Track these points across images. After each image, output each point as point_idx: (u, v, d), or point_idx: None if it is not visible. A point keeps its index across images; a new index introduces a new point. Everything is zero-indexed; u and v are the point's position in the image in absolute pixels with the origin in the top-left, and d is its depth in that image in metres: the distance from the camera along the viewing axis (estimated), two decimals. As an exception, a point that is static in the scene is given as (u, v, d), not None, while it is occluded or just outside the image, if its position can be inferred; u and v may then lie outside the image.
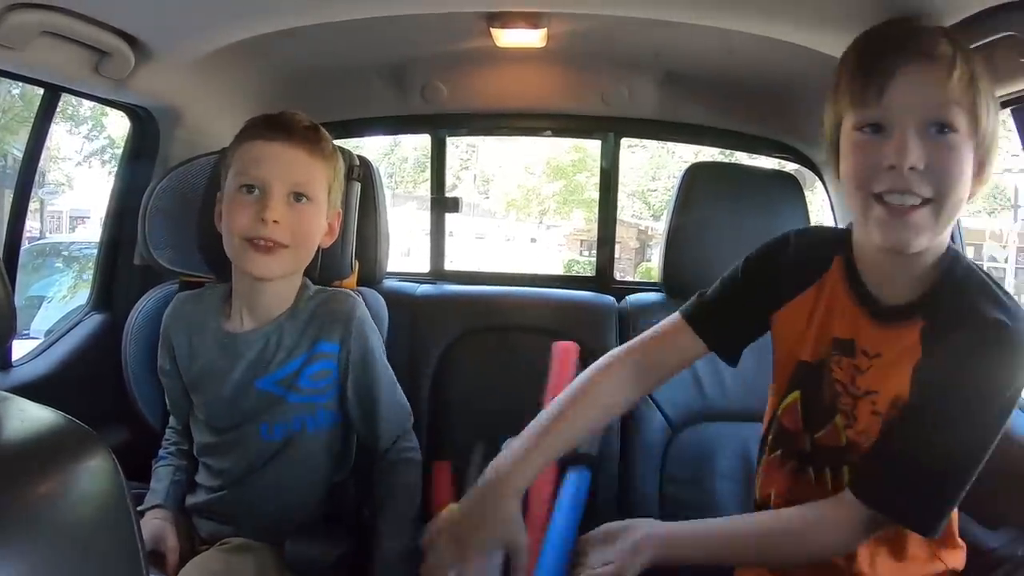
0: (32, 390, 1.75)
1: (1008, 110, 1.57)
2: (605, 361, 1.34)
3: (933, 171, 1.06)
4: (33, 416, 0.77)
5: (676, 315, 1.35)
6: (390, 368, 1.63)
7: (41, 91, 1.80)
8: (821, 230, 1.36)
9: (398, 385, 1.64)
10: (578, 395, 1.31)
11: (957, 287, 1.14)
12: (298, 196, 1.48)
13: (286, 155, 1.48)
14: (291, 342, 1.54)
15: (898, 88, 1.07)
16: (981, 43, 1.35)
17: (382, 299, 1.94)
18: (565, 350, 1.66)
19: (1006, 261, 10.21)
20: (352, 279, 1.92)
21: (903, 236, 1.08)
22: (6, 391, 0.82)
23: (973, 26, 1.33)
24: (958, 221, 1.88)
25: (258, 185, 1.46)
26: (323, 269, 1.79)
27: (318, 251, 1.72)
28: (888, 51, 1.09)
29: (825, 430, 1.20)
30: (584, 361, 1.94)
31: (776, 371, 1.31)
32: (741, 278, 1.31)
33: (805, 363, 1.24)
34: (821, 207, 2.64)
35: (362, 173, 1.87)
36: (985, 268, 1.22)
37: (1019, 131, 1.59)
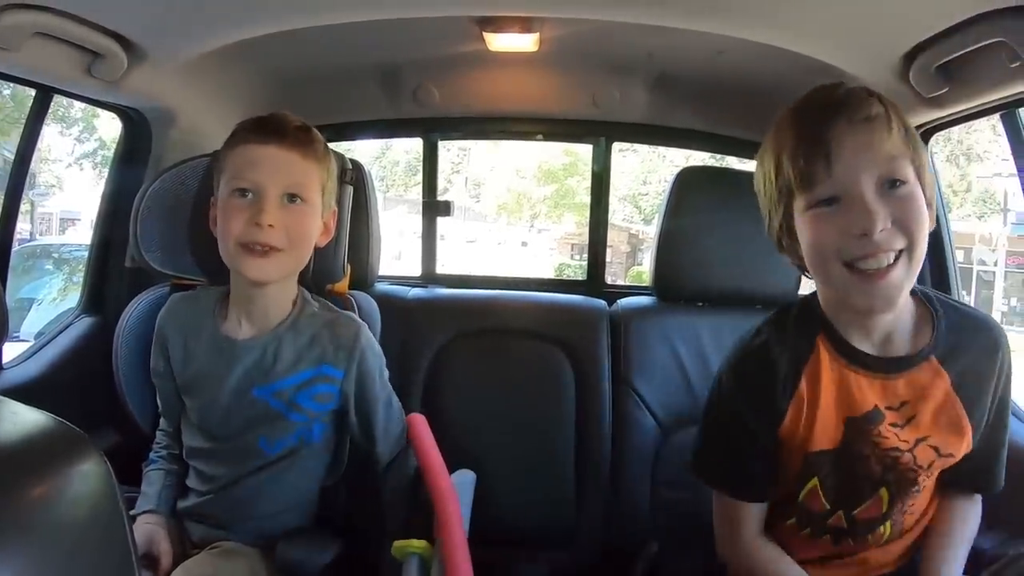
0: (23, 393, 1.74)
1: (997, 115, 1.59)
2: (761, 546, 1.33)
3: (900, 224, 1.09)
4: (25, 419, 0.77)
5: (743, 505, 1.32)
6: (389, 386, 1.62)
7: (32, 92, 1.79)
8: (783, 313, 1.33)
9: (396, 403, 1.63)
10: None
11: (941, 309, 1.23)
12: (292, 198, 1.46)
13: (279, 157, 1.46)
14: (291, 356, 1.52)
15: (845, 157, 1.10)
16: (970, 49, 1.36)
17: (374, 303, 1.94)
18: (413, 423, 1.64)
19: (995, 264, 10.27)
20: (344, 283, 1.92)
21: (885, 297, 1.12)
22: (-3, 393, 0.82)
23: (962, 33, 1.35)
24: (948, 226, 1.90)
25: (252, 189, 1.44)
26: (315, 273, 1.79)
27: (311, 258, 1.72)
28: (823, 126, 1.11)
29: (866, 505, 1.23)
30: (574, 364, 1.96)
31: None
32: (755, 423, 1.27)
33: (819, 452, 1.23)
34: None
35: (354, 176, 1.87)
36: (975, 271, 1.26)
37: (1008, 136, 1.61)
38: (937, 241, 1.85)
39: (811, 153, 1.11)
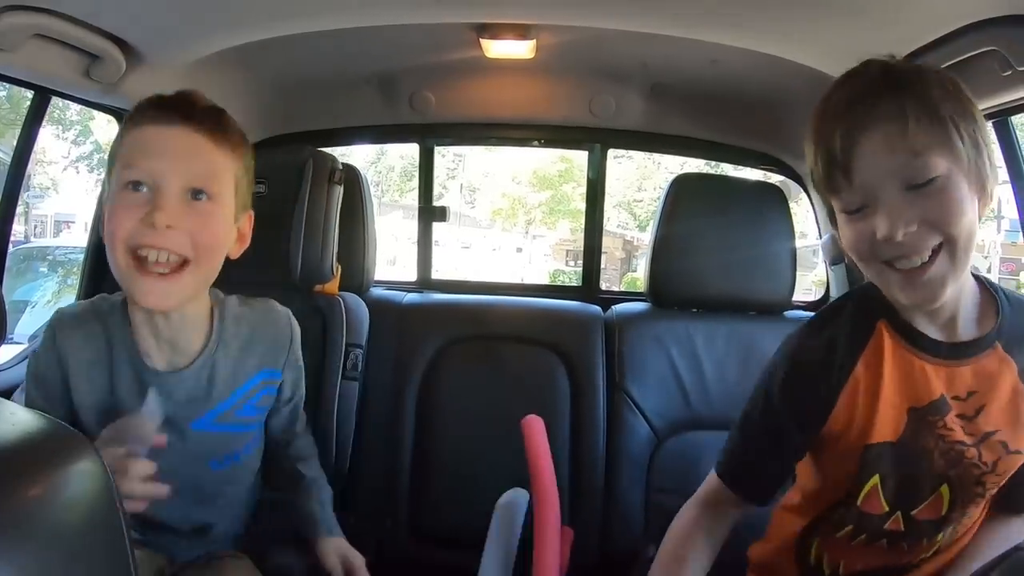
0: (16, 395, 1.74)
1: (990, 123, 1.60)
2: (690, 518, 1.31)
3: (931, 223, 1.03)
4: (22, 419, 0.77)
5: (715, 477, 1.30)
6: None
7: (28, 93, 1.79)
8: (842, 301, 1.26)
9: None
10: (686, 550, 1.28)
11: (1008, 303, 1.16)
12: (198, 194, 1.20)
13: (183, 141, 1.20)
14: (227, 373, 1.34)
15: (862, 163, 1.05)
16: (963, 57, 1.37)
17: (363, 304, 1.95)
18: (530, 424, 1.62)
19: (988, 271, 10.30)
20: (334, 284, 1.93)
21: (927, 294, 1.06)
22: (-7, 395, 0.82)
23: (955, 41, 1.36)
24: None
25: (147, 181, 1.17)
26: (303, 274, 1.80)
27: (296, 254, 1.74)
28: (839, 131, 1.06)
29: (925, 504, 1.16)
30: (569, 370, 1.96)
31: (828, 457, 1.23)
32: (774, 414, 1.23)
33: (882, 444, 1.15)
34: (805, 218, 2.66)
35: (348, 180, 1.88)
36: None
37: (1001, 144, 1.62)
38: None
39: (830, 165, 1.08)
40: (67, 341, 1.30)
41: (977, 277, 1.16)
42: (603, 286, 2.53)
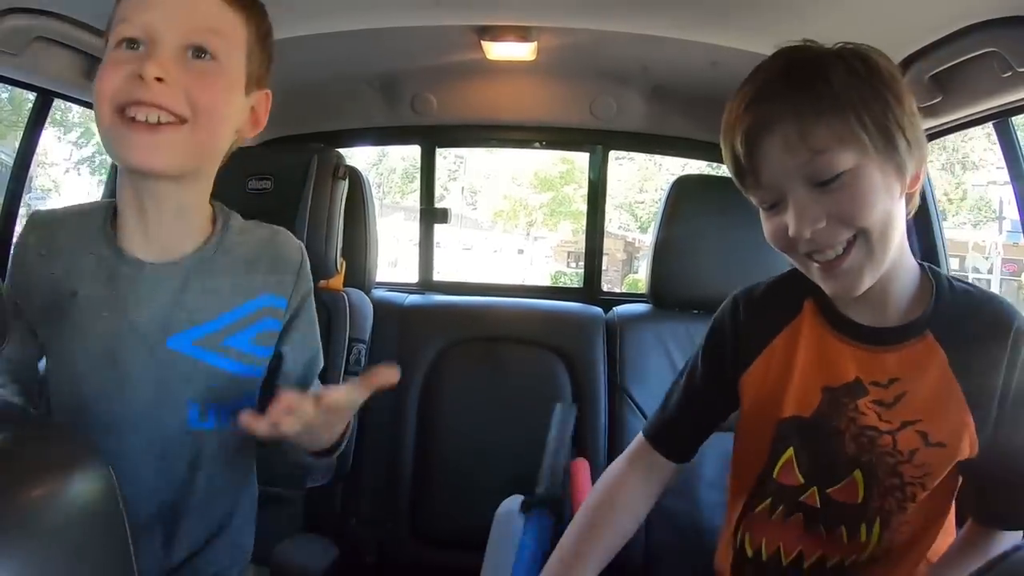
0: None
1: (991, 124, 1.61)
2: (614, 474, 1.33)
3: (839, 217, 1.02)
4: (25, 420, 0.77)
5: (640, 436, 1.33)
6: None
7: (29, 95, 1.80)
8: (771, 282, 1.28)
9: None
10: (604, 510, 1.29)
11: (950, 292, 1.12)
12: (199, 52, 1.03)
13: None
14: (222, 285, 1.13)
15: (765, 167, 1.05)
16: (963, 59, 1.38)
17: (368, 300, 1.96)
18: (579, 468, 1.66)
19: (990, 272, 10.29)
20: (338, 280, 1.93)
21: (846, 284, 1.06)
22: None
23: (955, 43, 1.37)
24: (942, 234, 1.91)
25: (141, 37, 1.01)
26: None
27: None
28: (739, 137, 1.06)
29: (841, 485, 1.13)
30: (571, 371, 1.97)
31: (748, 429, 1.25)
32: (700, 367, 1.28)
33: (795, 419, 1.16)
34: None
35: (350, 181, 1.89)
36: (970, 279, 1.21)
37: (1001, 145, 1.62)
38: (931, 249, 1.86)
39: (737, 166, 1.09)
40: (33, 233, 1.14)
41: (923, 265, 1.15)
42: (604, 287, 2.54)
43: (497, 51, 1.89)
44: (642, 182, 13.03)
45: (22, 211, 1.93)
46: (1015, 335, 1.08)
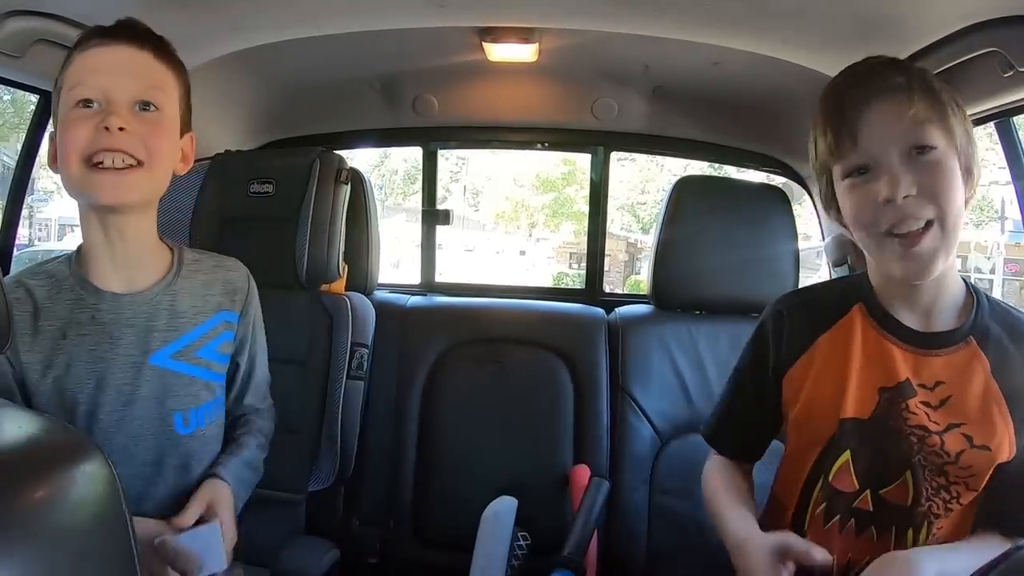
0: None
1: (992, 124, 1.61)
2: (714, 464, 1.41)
3: (927, 192, 1.09)
4: (29, 421, 0.77)
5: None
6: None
7: (31, 97, 1.80)
8: (819, 285, 1.37)
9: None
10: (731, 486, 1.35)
11: (988, 304, 1.20)
12: (146, 106, 1.24)
13: (130, 58, 1.24)
14: (190, 306, 1.34)
15: (869, 127, 1.12)
16: (964, 59, 1.38)
17: (370, 303, 1.96)
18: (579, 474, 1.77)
19: (992, 272, 10.27)
20: (340, 283, 1.94)
21: (920, 265, 1.11)
22: (-2, 397, 0.82)
23: (956, 43, 1.37)
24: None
25: (97, 98, 1.21)
26: (309, 272, 1.80)
27: (303, 252, 1.75)
28: (848, 99, 1.14)
29: (894, 486, 1.17)
30: (573, 372, 1.97)
31: (802, 430, 1.27)
32: (746, 367, 1.35)
33: (853, 420, 1.19)
34: (809, 220, 2.66)
35: (352, 182, 1.88)
36: (972, 279, 1.23)
37: (1003, 144, 1.62)
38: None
39: (838, 125, 1.14)
40: (10, 299, 1.21)
41: (965, 281, 1.21)
42: (606, 288, 2.53)
43: (498, 52, 1.90)
44: (644, 183, 13.02)
45: (24, 212, 1.93)
46: None
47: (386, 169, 13.52)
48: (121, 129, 1.19)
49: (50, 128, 1.28)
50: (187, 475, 1.32)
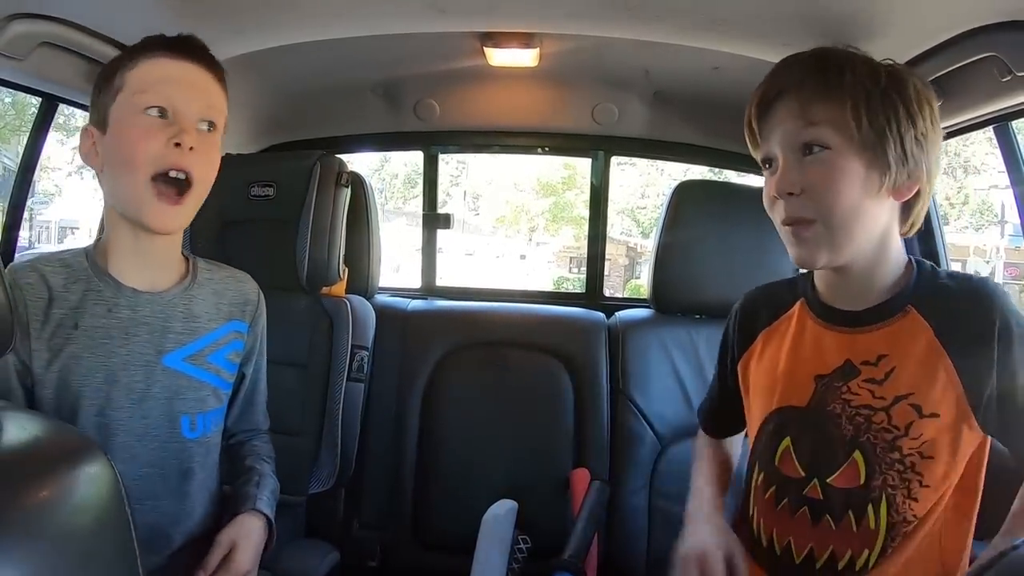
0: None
1: (991, 128, 1.61)
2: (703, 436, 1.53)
3: (810, 190, 1.14)
4: (33, 424, 0.78)
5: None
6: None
7: (33, 99, 1.80)
8: (774, 282, 1.41)
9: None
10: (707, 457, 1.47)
11: (932, 273, 1.20)
12: (210, 125, 1.28)
13: (197, 76, 1.27)
14: (203, 310, 1.36)
15: (769, 123, 1.19)
16: (963, 63, 1.38)
17: (370, 306, 1.96)
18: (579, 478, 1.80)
19: (992, 275, 10.30)
20: (341, 286, 1.94)
21: (802, 252, 1.17)
22: (1, 399, 0.83)
23: (955, 48, 1.37)
24: (943, 238, 1.91)
25: (168, 107, 1.23)
26: (310, 275, 1.81)
27: (303, 255, 1.79)
28: (762, 92, 1.20)
29: (841, 471, 1.17)
30: (573, 376, 1.97)
31: (752, 423, 1.34)
32: (719, 356, 1.46)
33: (789, 409, 1.23)
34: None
35: (353, 186, 1.89)
36: None
37: (1001, 149, 1.62)
38: (932, 253, 1.87)
39: (749, 120, 1.22)
40: (22, 283, 1.23)
41: (911, 258, 1.23)
42: (607, 292, 2.53)
43: (499, 57, 1.90)
44: (644, 187, 13.04)
45: (24, 214, 1.93)
46: (1001, 317, 1.12)
47: (386, 173, 13.54)
48: (191, 149, 1.21)
49: (84, 122, 1.28)
50: (188, 481, 1.32)
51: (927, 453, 1.13)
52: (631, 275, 11.45)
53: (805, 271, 1.32)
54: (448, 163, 11.91)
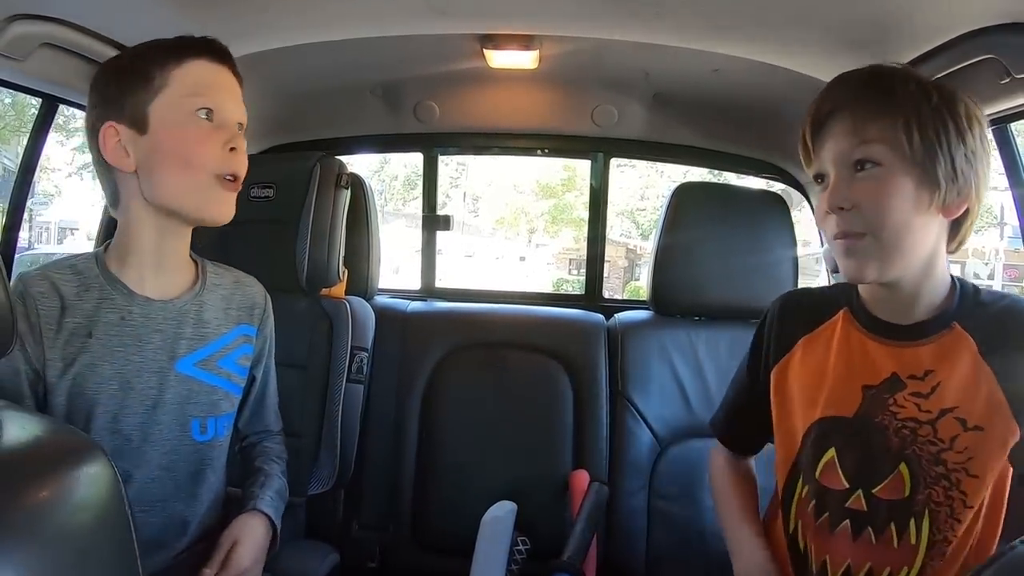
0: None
1: (990, 131, 1.61)
2: (720, 462, 1.50)
3: (861, 206, 1.14)
4: (33, 423, 0.78)
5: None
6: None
7: (33, 100, 1.80)
8: (814, 288, 1.42)
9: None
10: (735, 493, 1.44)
11: (974, 292, 1.21)
12: (240, 127, 1.32)
13: (232, 81, 1.33)
14: (213, 315, 1.37)
15: (824, 140, 1.19)
16: (962, 66, 1.38)
17: (369, 308, 1.96)
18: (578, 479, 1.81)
19: (990, 277, 10.31)
20: (340, 288, 1.94)
21: (855, 266, 1.16)
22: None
23: (954, 49, 1.37)
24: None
25: (217, 111, 1.28)
26: (309, 276, 1.81)
27: (303, 257, 1.79)
28: (817, 109, 1.20)
29: (887, 482, 1.18)
30: (572, 377, 1.97)
31: (779, 430, 1.32)
32: (745, 362, 1.42)
33: (836, 419, 1.23)
34: (808, 226, 2.67)
35: (353, 187, 1.89)
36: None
37: (1000, 151, 1.62)
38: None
39: (806, 135, 1.21)
40: (34, 293, 1.24)
41: (954, 277, 1.23)
42: (606, 294, 2.54)
43: (499, 59, 1.90)
44: (643, 189, 13.05)
45: (24, 215, 1.93)
46: None
47: (386, 175, 13.55)
48: (235, 150, 1.27)
49: (107, 121, 1.25)
50: (198, 483, 1.34)
51: (972, 471, 1.14)
52: (630, 277, 11.46)
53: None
54: (448, 165, 11.92)
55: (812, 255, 2.67)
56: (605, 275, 2.56)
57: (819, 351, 1.28)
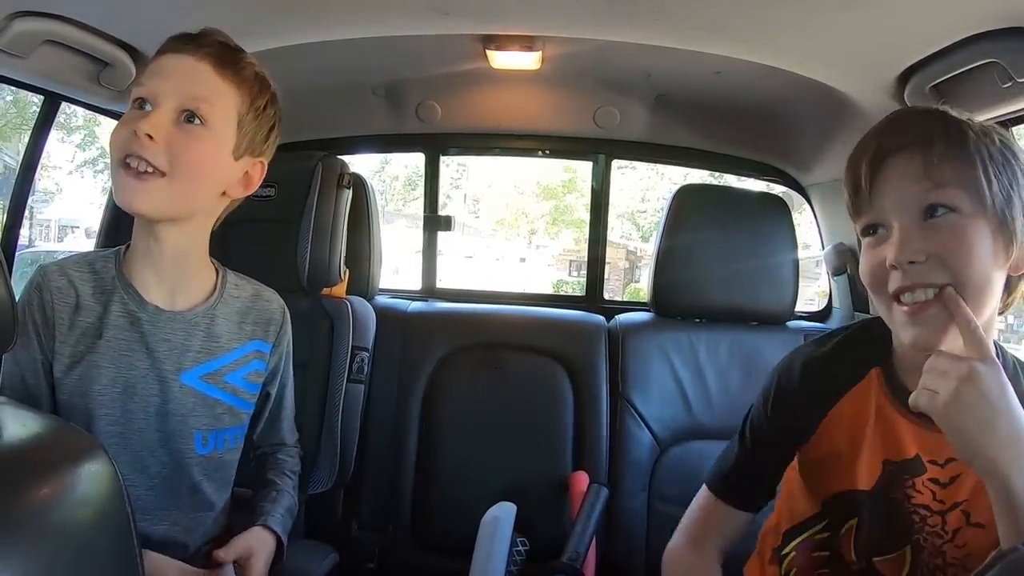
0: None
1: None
2: (683, 561, 1.34)
3: (940, 257, 1.00)
4: (34, 421, 0.78)
5: (705, 490, 1.32)
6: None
7: (35, 97, 1.80)
8: (836, 342, 1.23)
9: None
10: None
11: (1014, 371, 1.09)
12: (190, 117, 1.21)
13: (186, 66, 1.23)
14: (225, 330, 1.35)
15: (882, 185, 1.05)
16: (964, 69, 1.38)
17: (370, 308, 1.96)
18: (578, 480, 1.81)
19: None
20: (341, 287, 1.94)
21: (926, 335, 1.02)
22: (1, 398, 0.83)
23: (955, 54, 1.37)
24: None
25: (149, 99, 1.21)
26: (311, 276, 1.81)
27: (304, 256, 1.77)
28: (869, 152, 1.06)
29: (891, 557, 1.12)
30: (573, 379, 1.97)
31: (804, 486, 1.24)
32: (768, 419, 1.25)
33: (859, 492, 1.14)
34: (809, 229, 2.67)
35: (355, 187, 1.89)
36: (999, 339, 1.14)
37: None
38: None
39: (856, 181, 1.07)
40: (52, 287, 1.26)
41: (997, 344, 1.10)
42: (606, 296, 2.54)
43: (502, 60, 1.90)
44: (644, 191, 13.03)
45: (25, 213, 1.93)
46: None
47: (387, 175, 13.53)
48: (149, 137, 1.17)
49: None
50: (198, 494, 1.34)
51: (968, 565, 1.08)
52: (631, 279, 11.44)
53: (869, 323, 1.21)
54: (448, 165, 11.89)
55: (812, 258, 2.67)
56: (605, 277, 2.56)
57: (855, 417, 1.16)
